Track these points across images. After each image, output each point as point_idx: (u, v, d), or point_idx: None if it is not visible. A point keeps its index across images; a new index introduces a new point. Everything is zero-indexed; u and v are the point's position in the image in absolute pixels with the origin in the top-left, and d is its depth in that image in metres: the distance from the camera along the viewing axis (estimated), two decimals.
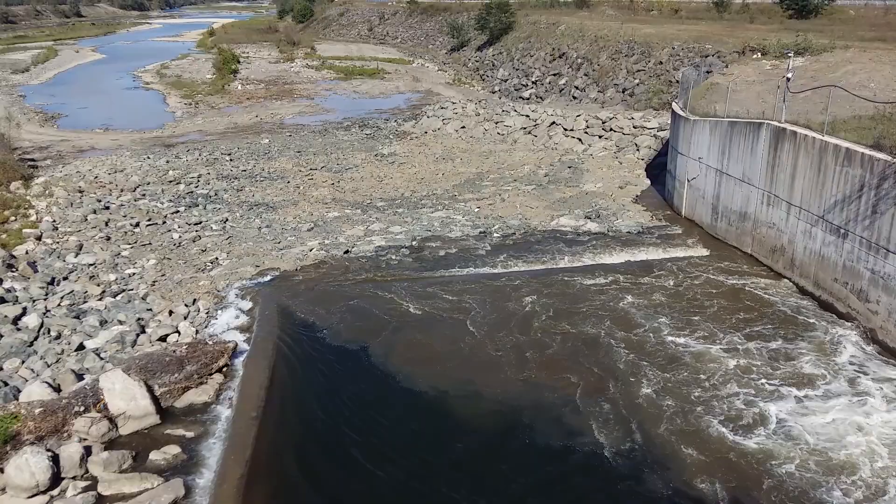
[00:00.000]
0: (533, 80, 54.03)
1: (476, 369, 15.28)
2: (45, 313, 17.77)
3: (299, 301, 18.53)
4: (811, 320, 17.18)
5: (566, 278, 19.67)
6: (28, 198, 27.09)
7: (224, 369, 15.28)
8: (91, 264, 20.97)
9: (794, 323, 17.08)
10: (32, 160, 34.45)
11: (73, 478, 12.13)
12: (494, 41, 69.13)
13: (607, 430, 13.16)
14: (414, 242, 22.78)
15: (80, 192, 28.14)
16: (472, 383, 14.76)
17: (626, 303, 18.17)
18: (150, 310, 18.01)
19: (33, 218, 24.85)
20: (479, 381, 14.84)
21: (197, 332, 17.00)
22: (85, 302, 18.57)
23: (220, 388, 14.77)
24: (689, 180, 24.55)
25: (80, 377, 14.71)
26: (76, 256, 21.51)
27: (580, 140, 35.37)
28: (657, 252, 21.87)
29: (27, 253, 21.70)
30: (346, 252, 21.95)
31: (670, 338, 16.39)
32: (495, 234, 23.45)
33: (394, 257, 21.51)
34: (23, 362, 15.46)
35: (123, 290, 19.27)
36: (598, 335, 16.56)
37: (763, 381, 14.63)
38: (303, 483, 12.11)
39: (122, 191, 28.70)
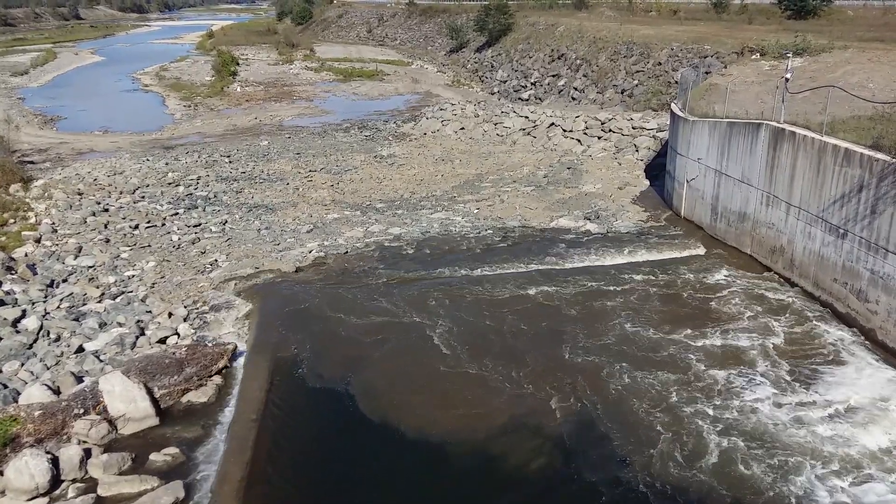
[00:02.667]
0: (532, 81, 54.06)
1: (475, 370, 15.27)
2: (44, 316, 17.77)
3: (298, 303, 18.52)
4: (811, 321, 17.18)
5: (566, 280, 19.66)
6: (27, 200, 27.09)
7: (223, 371, 15.28)
8: (90, 266, 20.97)
9: (794, 324, 17.07)
10: (31, 162, 34.46)
11: (73, 480, 12.13)
12: (493, 42, 69.17)
13: (614, 433, 13.16)
14: (413, 244, 22.78)
15: (80, 194, 28.13)
16: (473, 384, 14.75)
17: (626, 304, 18.16)
18: (150, 312, 18.01)
19: (32, 220, 24.84)
20: (479, 380, 14.84)
21: (196, 333, 17.00)
22: (84, 304, 18.56)
23: (219, 390, 14.77)
24: (688, 181, 24.57)
25: (79, 379, 14.71)
26: (75, 259, 21.51)
27: (579, 141, 35.39)
28: (657, 253, 21.87)
29: (26, 255, 21.69)
30: (346, 253, 21.96)
31: (671, 339, 16.39)
32: (495, 236, 23.46)
33: (393, 259, 21.52)
34: (22, 365, 15.46)
35: (123, 293, 19.28)
36: (598, 336, 16.55)
37: (766, 381, 14.63)
38: (303, 485, 12.10)
39: (121, 193, 28.70)
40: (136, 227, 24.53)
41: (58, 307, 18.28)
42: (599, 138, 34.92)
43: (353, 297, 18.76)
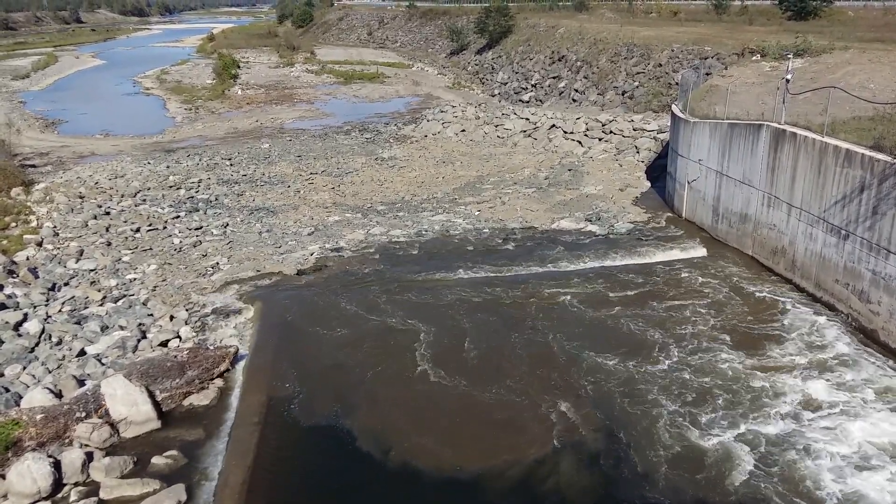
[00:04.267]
0: (532, 83, 54.10)
1: (475, 371, 15.27)
2: (46, 319, 17.77)
3: (300, 305, 18.52)
4: (813, 322, 17.16)
5: (569, 282, 19.65)
6: (29, 204, 27.11)
7: (225, 374, 15.28)
8: (92, 270, 20.98)
9: (795, 324, 17.06)
10: (33, 166, 34.50)
11: (75, 484, 12.13)
12: (494, 45, 69.24)
13: (620, 437, 13.15)
14: (414, 246, 22.78)
15: (81, 197, 28.16)
16: (471, 384, 14.75)
17: (626, 305, 18.15)
18: (151, 315, 18.01)
19: (34, 224, 24.86)
20: (478, 382, 14.83)
21: (198, 336, 17.00)
22: (86, 307, 18.57)
23: (221, 393, 14.77)
24: (689, 182, 24.56)
25: (81, 383, 14.70)
26: (77, 262, 21.52)
27: (580, 143, 35.40)
28: (658, 254, 21.86)
29: (28, 259, 21.70)
30: (347, 256, 21.95)
31: (671, 340, 16.38)
32: (496, 238, 23.46)
33: (395, 261, 21.52)
34: (24, 368, 15.47)
35: (124, 296, 19.28)
36: (597, 337, 16.55)
37: (771, 384, 14.62)
38: (304, 488, 12.09)
39: (122, 196, 28.72)
40: (138, 230, 24.55)
41: (59, 310, 18.28)
42: (600, 140, 34.93)
43: (354, 299, 18.76)
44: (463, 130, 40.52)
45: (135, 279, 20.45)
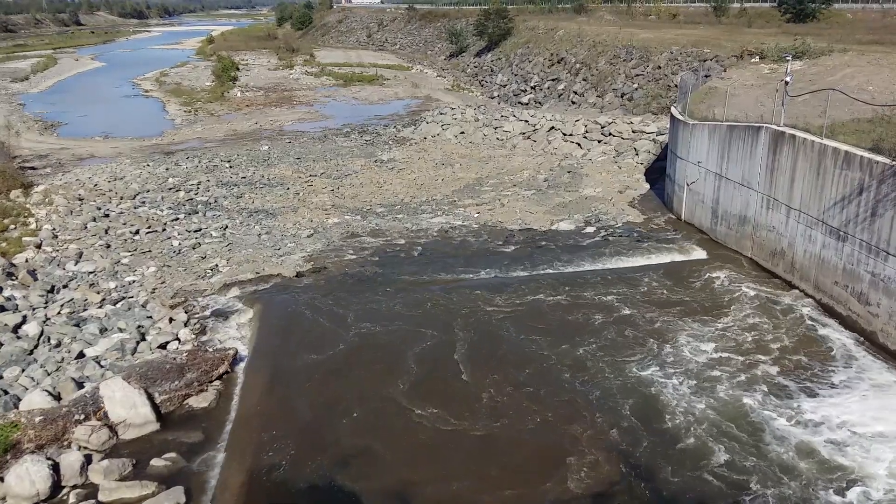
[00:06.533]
0: (532, 85, 54.13)
1: (472, 372, 15.27)
2: (45, 321, 17.74)
3: (299, 307, 18.51)
4: (812, 323, 17.16)
5: (569, 284, 19.64)
6: (28, 206, 27.08)
7: (224, 376, 15.26)
8: (91, 272, 20.95)
9: (795, 325, 17.06)
10: (32, 168, 34.47)
11: (74, 486, 12.11)
12: (493, 47, 69.31)
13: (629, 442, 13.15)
14: (414, 248, 22.78)
15: (80, 199, 28.14)
16: (469, 384, 14.75)
17: (626, 307, 18.14)
18: (151, 317, 17.98)
19: (33, 226, 24.83)
20: (477, 382, 14.83)
21: (197, 339, 16.98)
22: (85, 310, 18.54)
23: (220, 396, 14.76)
24: (688, 184, 24.57)
25: (80, 385, 14.68)
26: (76, 264, 21.49)
27: (579, 145, 35.41)
28: (657, 257, 21.86)
29: (27, 261, 21.67)
30: (346, 258, 21.94)
31: (672, 342, 16.38)
32: (495, 240, 23.45)
33: (393, 263, 21.51)
34: (23, 371, 15.44)
35: (123, 298, 19.26)
36: (597, 337, 16.55)
37: (771, 385, 14.63)
38: (304, 491, 12.06)
39: (121, 198, 28.71)
40: (137, 232, 24.53)
41: (58, 313, 18.25)
42: (599, 142, 34.95)
43: (353, 301, 18.75)
44: (462, 133, 40.54)
45: (134, 281, 20.43)
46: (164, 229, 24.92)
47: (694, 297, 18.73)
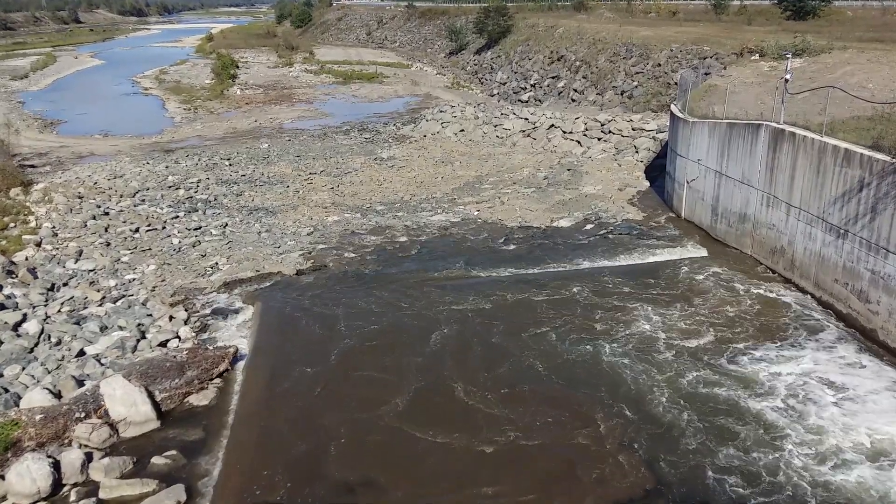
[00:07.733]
0: (531, 82, 54.10)
1: (472, 372, 15.28)
2: (45, 319, 17.75)
3: (299, 305, 18.52)
4: (813, 322, 17.18)
5: (569, 283, 19.65)
6: (27, 204, 27.08)
7: (224, 374, 15.28)
8: (91, 270, 20.96)
9: (796, 325, 17.07)
10: (32, 166, 34.46)
11: (75, 484, 12.12)
12: (493, 44, 69.24)
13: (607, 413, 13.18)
14: (413, 246, 22.79)
15: (80, 197, 28.13)
16: (469, 383, 14.77)
17: (625, 306, 18.15)
18: (151, 315, 18.00)
19: (33, 224, 24.83)
20: (476, 381, 14.86)
21: (197, 337, 17.00)
22: (85, 308, 18.55)
23: (220, 393, 14.77)
24: (688, 182, 24.57)
25: (80, 383, 14.69)
26: (76, 262, 21.50)
27: (579, 142, 35.41)
28: (657, 254, 21.88)
29: (27, 259, 21.68)
30: (346, 255, 21.95)
31: (671, 343, 16.39)
32: (495, 238, 23.46)
33: (393, 261, 21.53)
34: (23, 369, 15.45)
35: (123, 296, 19.27)
36: (597, 337, 16.57)
37: (774, 386, 14.65)
38: (304, 489, 12.07)
39: (121, 196, 28.70)
40: (137, 230, 24.53)
41: (58, 311, 18.26)
42: (599, 140, 34.95)
43: (353, 299, 18.76)
44: (462, 130, 40.53)
45: (134, 279, 20.44)
46: (163, 227, 24.93)
47: (694, 295, 18.73)
